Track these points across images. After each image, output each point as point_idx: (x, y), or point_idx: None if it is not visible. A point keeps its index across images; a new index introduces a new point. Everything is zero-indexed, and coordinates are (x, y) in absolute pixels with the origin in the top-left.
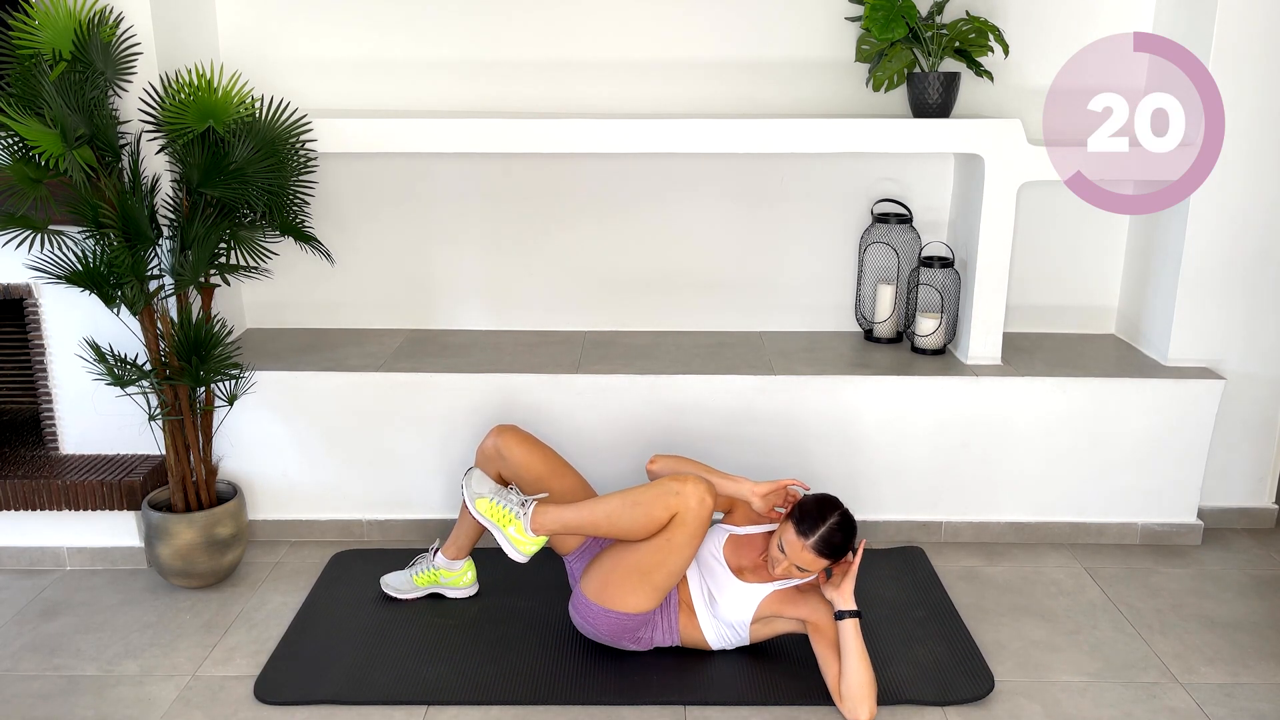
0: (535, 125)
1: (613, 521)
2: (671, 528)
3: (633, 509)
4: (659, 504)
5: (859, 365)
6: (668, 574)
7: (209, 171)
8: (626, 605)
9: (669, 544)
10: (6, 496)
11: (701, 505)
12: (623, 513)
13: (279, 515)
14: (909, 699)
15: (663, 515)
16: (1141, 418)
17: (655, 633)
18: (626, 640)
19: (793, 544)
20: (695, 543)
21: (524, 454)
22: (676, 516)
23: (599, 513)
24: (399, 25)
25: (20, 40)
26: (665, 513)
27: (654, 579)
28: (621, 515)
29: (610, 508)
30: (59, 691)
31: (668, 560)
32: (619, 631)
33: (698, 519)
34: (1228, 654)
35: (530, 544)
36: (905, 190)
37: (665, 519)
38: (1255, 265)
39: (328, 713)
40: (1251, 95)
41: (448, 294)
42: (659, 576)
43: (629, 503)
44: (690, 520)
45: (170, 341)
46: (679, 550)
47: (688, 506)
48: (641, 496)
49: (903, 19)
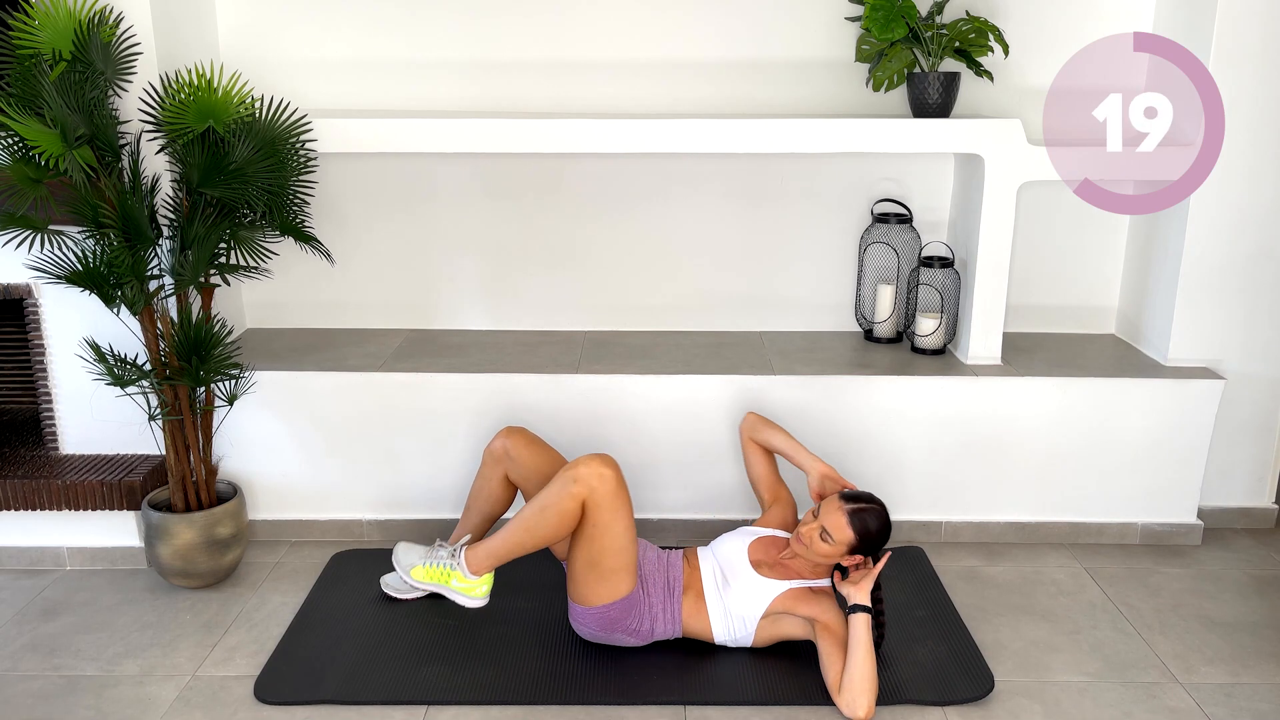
0: (535, 125)
1: (534, 533)
2: (588, 513)
3: (544, 514)
4: (564, 498)
5: (859, 365)
6: (615, 553)
7: (209, 171)
8: (600, 597)
9: (596, 529)
10: (6, 496)
11: (602, 480)
12: (538, 520)
13: (279, 515)
14: (909, 699)
15: (572, 506)
16: (1141, 418)
17: (655, 624)
18: (620, 632)
19: (831, 505)
20: (620, 515)
21: (531, 456)
22: (587, 502)
23: (519, 529)
24: (399, 25)
25: (20, 40)
26: (574, 503)
27: (606, 565)
28: (538, 524)
29: (526, 521)
30: (59, 691)
31: (606, 543)
32: (607, 625)
33: (606, 494)
34: (1228, 654)
35: (478, 585)
36: (905, 190)
37: (576, 509)
38: (1255, 265)
39: (328, 713)
40: (1251, 95)
41: (448, 294)
42: (609, 560)
43: (538, 509)
44: (601, 498)
45: (170, 341)
46: (608, 529)
47: (591, 488)
48: (547, 498)
49: (903, 19)
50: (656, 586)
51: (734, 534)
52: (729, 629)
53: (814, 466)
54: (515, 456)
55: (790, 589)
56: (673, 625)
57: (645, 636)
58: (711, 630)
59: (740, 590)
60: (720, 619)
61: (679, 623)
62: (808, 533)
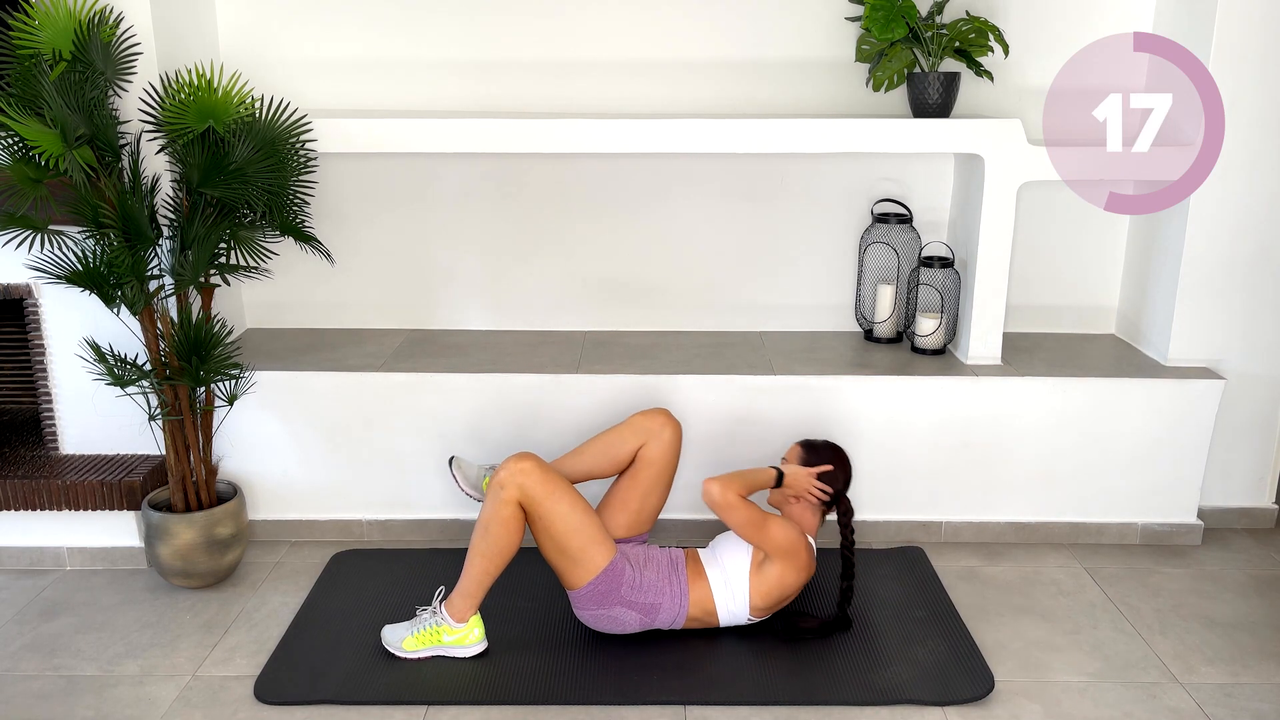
0: (535, 125)
1: (490, 555)
2: (529, 509)
3: (488, 532)
4: (498, 508)
5: (859, 365)
6: (574, 533)
7: (209, 171)
8: (583, 577)
9: (544, 520)
10: (6, 496)
11: (524, 474)
12: (488, 542)
13: (279, 515)
14: (909, 699)
15: (510, 512)
16: (1141, 418)
17: (661, 599)
18: (619, 605)
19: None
20: (558, 494)
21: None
22: (520, 501)
23: (477, 559)
24: (399, 25)
25: (20, 40)
26: (509, 508)
27: (572, 546)
28: (490, 544)
29: (477, 546)
30: (59, 691)
31: (559, 527)
32: (601, 600)
33: (533, 485)
34: (1228, 654)
35: (469, 630)
36: (905, 190)
37: (516, 512)
38: (1255, 265)
39: (328, 713)
40: (1251, 95)
41: (448, 294)
42: (572, 541)
43: (482, 531)
44: (531, 492)
45: (170, 341)
46: (554, 514)
47: (518, 485)
48: (484, 517)
49: (903, 19)
50: (660, 565)
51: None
52: (726, 586)
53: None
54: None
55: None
56: (679, 600)
57: (649, 612)
58: (712, 595)
59: (727, 547)
60: (719, 581)
61: (685, 595)
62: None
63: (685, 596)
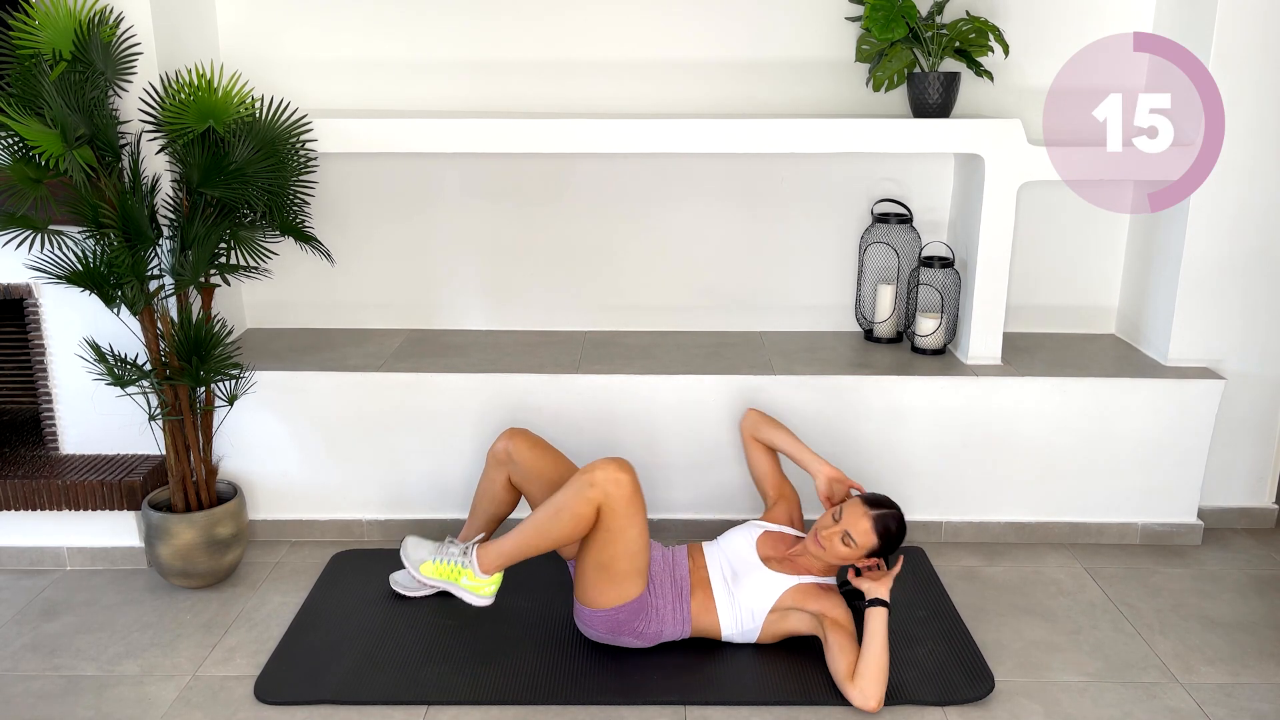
0: (535, 125)
1: (547, 534)
2: (603, 518)
3: (558, 515)
4: (579, 501)
5: (859, 365)
6: (628, 557)
7: (209, 171)
8: (609, 600)
9: (609, 533)
10: (6, 496)
11: (618, 486)
12: (551, 523)
13: (279, 515)
14: (909, 699)
15: (587, 510)
16: (1141, 418)
17: (663, 625)
18: (627, 635)
19: (855, 510)
20: (634, 517)
21: (534, 458)
22: (602, 506)
23: (531, 531)
24: (399, 25)
25: (20, 40)
26: (589, 507)
27: (618, 568)
28: (551, 526)
29: (539, 522)
30: (59, 691)
31: (618, 547)
32: (615, 627)
33: (621, 499)
34: (1228, 654)
35: (488, 585)
36: (905, 190)
37: (591, 513)
38: (1255, 265)
39: (328, 713)
40: (1251, 95)
41: (448, 294)
42: (621, 564)
43: (553, 511)
44: (616, 504)
45: (170, 341)
46: (622, 534)
47: (607, 493)
48: (562, 500)
49: (903, 19)
50: (665, 588)
51: (741, 529)
52: (737, 622)
53: (820, 469)
54: (517, 459)
55: (800, 584)
56: (682, 626)
57: (652, 639)
58: (719, 625)
59: (750, 584)
60: (729, 613)
61: (688, 623)
62: (828, 535)
63: (688, 624)
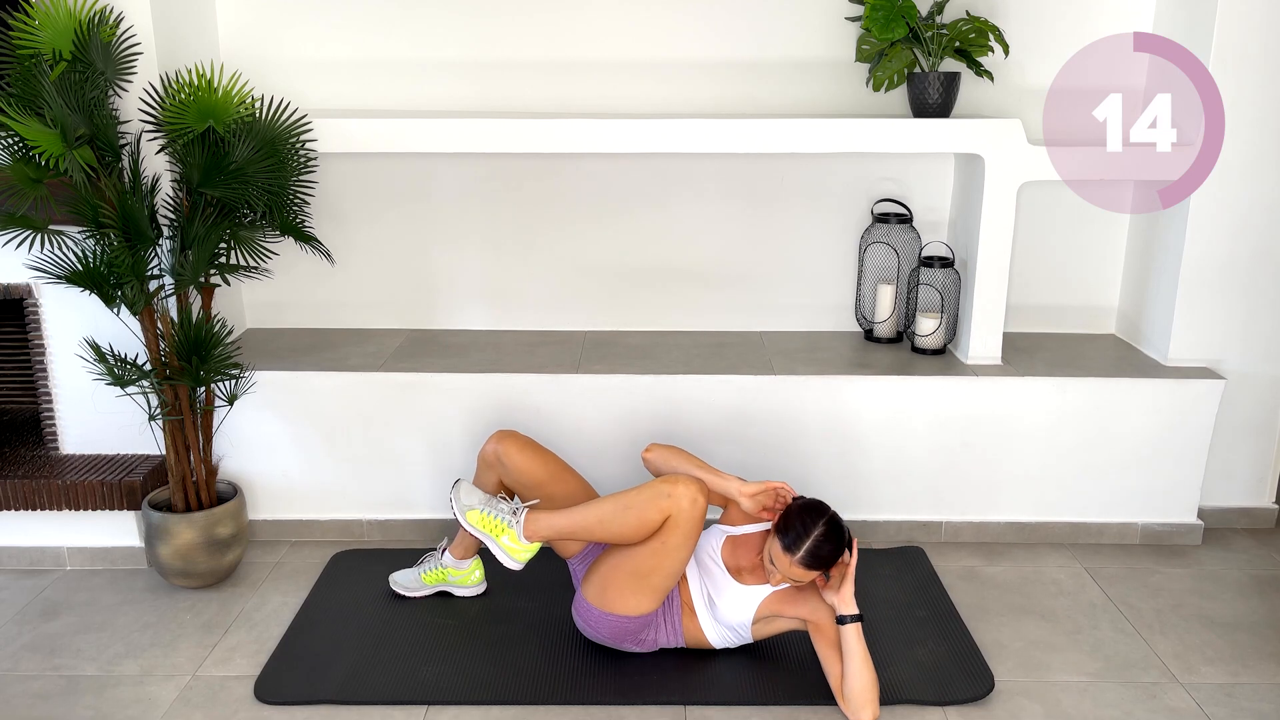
0: (535, 125)
1: (605, 526)
2: (665, 530)
3: (625, 513)
4: (651, 507)
5: (859, 365)
6: (665, 576)
7: (209, 171)
8: (626, 608)
9: (664, 547)
10: (6, 496)
11: (694, 506)
12: (615, 517)
13: (279, 515)
14: (909, 699)
15: (655, 518)
16: (1141, 418)
17: (659, 634)
18: (628, 642)
19: (780, 558)
20: (690, 543)
21: (524, 460)
22: (669, 519)
23: (591, 517)
24: (399, 25)
25: (20, 40)
26: (658, 515)
27: (651, 581)
28: (614, 519)
29: (603, 512)
30: (59, 691)
31: (664, 563)
32: (620, 634)
33: (690, 520)
34: (1228, 654)
35: (524, 551)
36: (905, 190)
37: (658, 521)
38: (1255, 265)
39: (328, 713)
40: (1251, 95)
41: (448, 294)
42: (656, 579)
43: (621, 506)
44: (684, 522)
45: (170, 341)
46: (674, 552)
47: (680, 508)
48: (634, 500)
49: (903, 19)
50: None
51: (704, 536)
52: (725, 638)
53: (736, 491)
54: (507, 462)
55: (774, 591)
56: (674, 636)
57: (649, 646)
58: (709, 642)
59: (726, 603)
60: (714, 631)
61: (680, 635)
62: (777, 583)
63: (680, 635)
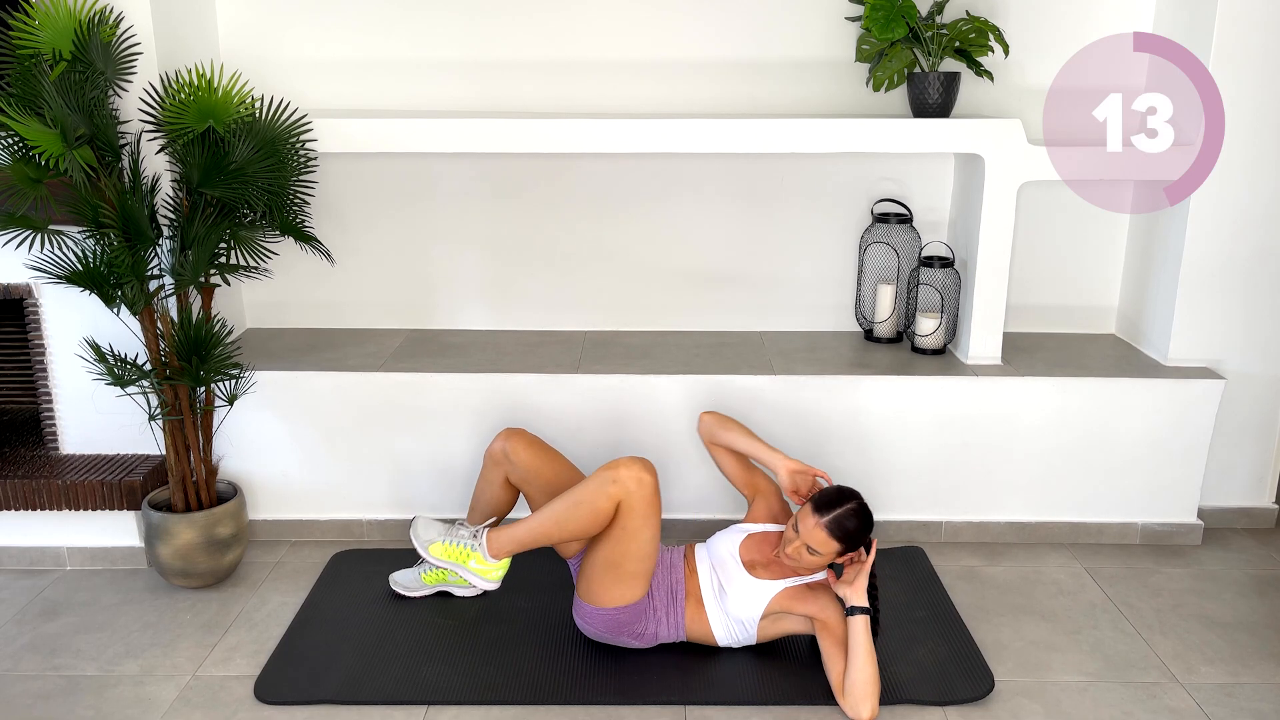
0: (535, 125)
1: (563, 526)
2: (621, 515)
3: (577, 509)
4: (601, 495)
5: (859, 365)
6: (637, 559)
7: (209, 171)
8: (612, 600)
9: (625, 532)
10: (6, 496)
11: (641, 486)
12: (569, 514)
13: (279, 515)
14: (909, 699)
15: (607, 506)
16: (1141, 418)
17: (659, 628)
18: (626, 635)
19: (807, 521)
20: (651, 522)
21: (531, 458)
22: (621, 504)
23: (548, 520)
24: (399, 25)
25: (20, 40)
26: (609, 503)
27: (627, 568)
28: (569, 517)
29: (556, 513)
30: (59, 691)
31: (631, 547)
32: (614, 627)
33: (642, 499)
34: (1228, 654)
35: (495, 569)
36: (905, 190)
37: (611, 509)
38: (1255, 265)
39: (328, 713)
40: (1251, 95)
41: (448, 294)
42: (630, 564)
43: (572, 503)
44: (637, 503)
45: (170, 341)
46: (637, 534)
47: (628, 491)
48: (583, 494)
49: (903, 19)
50: (661, 591)
51: (725, 533)
52: (730, 632)
53: (780, 463)
54: (514, 459)
55: (786, 588)
56: (676, 630)
57: (649, 640)
58: (713, 635)
59: (736, 595)
60: (720, 624)
61: (682, 628)
62: (793, 551)
63: (682, 630)
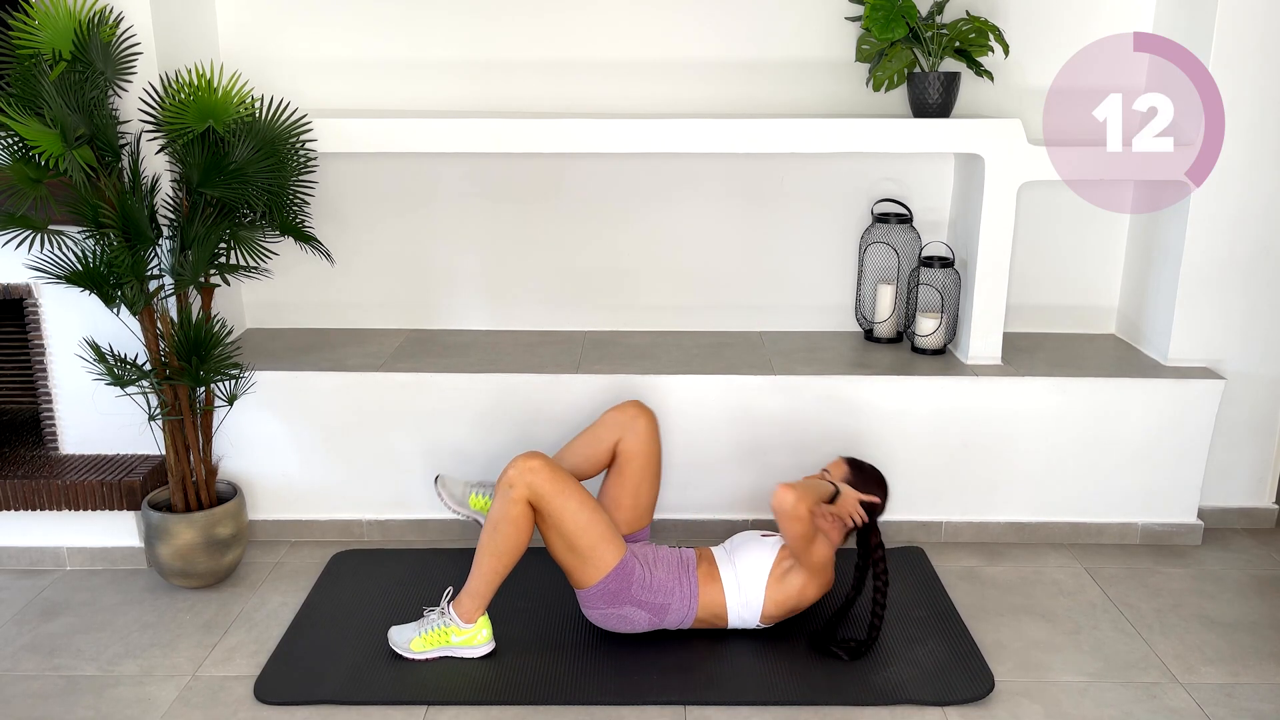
0: (535, 125)
1: (500, 554)
2: (539, 508)
3: (497, 531)
4: (507, 506)
5: (859, 365)
6: (583, 531)
7: (209, 171)
8: (592, 576)
9: (553, 518)
10: (6, 496)
11: (534, 474)
12: (497, 541)
13: (279, 515)
14: (909, 699)
15: (519, 511)
16: (1141, 418)
17: (670, 599)
18: (629, 605)
19: (840, 465)
20: (567, 495)
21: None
22: (530, 499)
23: (487, 557)
24: (399, 25)
25: (20, 40)
26: (518, 507)
27: (582, 544)
28: (499, 544)
29: (485, 546)
30: (59, 691)
31: (568, 528)
32: (612, 598)
33: (542, 484)
34: (1228, 654)
35: (478, 631)
36: (905, 190)
37: (525, 511)
38: (1255, 265)
39: (328, 713)
40: (1251, 95)
41: (448, 294)
42: (582, 540)
43: (491, 530)
44: (540, 490)
45: (170, 341)
46: (564, 513)
47: (528, 484)
48: (494, 516)
49: (903, 19)
50: (670, 565)
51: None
52: (740, 590)
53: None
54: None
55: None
56: (689, 600)
57: (659, 612)
58: (725, 598)
59: (746, 552)
60: (733, 585)
61: (695, 598)
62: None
63: (695, 599)
